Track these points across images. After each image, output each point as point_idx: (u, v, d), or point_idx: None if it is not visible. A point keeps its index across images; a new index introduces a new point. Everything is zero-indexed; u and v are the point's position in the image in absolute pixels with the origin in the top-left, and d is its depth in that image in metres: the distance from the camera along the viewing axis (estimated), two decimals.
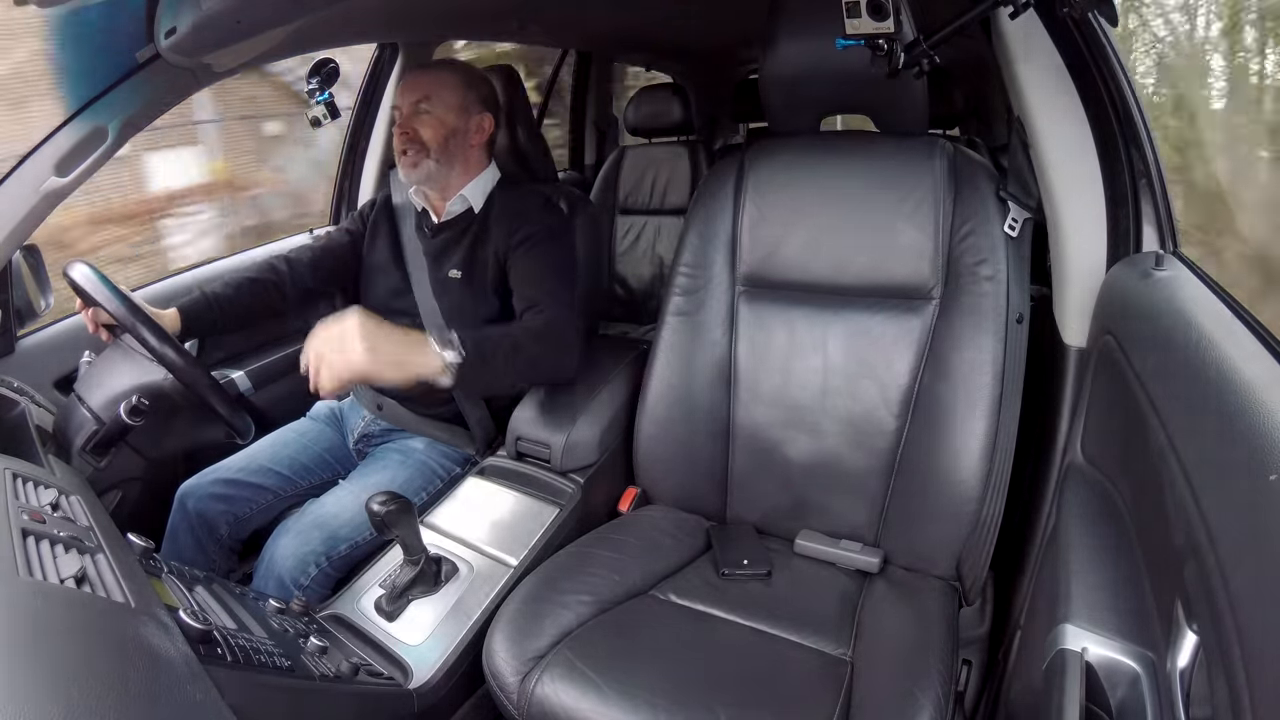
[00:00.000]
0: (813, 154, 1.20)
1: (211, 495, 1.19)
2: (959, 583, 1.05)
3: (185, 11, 0.87)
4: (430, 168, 1.22)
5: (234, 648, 0.70)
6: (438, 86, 1.22)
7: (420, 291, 1.27)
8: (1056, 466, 1.00)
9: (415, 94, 1.22)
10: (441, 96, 1.21)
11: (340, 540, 1.09)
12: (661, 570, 1.07)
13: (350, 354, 0.90)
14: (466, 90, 1.23)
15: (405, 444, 1.28)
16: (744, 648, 0.94)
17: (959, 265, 1.09)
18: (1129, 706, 0.60)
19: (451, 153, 1.23)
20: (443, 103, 1.21)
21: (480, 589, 1.02)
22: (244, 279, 1.28)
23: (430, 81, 1.22)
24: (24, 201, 0.98)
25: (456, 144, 1.23)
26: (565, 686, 0.85)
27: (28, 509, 0.69)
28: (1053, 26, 0.96)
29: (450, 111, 1.22)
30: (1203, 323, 0.67)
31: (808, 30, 1.05)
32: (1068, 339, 1.03)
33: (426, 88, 1.22)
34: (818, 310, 1.16)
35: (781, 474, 1.17)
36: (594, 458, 1.21)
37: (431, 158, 1.22)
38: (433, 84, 1.22)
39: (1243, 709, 0.41)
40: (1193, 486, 0.54)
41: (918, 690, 0.82)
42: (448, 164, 1.23)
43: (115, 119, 0.98)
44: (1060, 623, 0.66)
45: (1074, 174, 0.99)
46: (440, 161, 1.22)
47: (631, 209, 2.45)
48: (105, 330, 1.09)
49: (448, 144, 1.22)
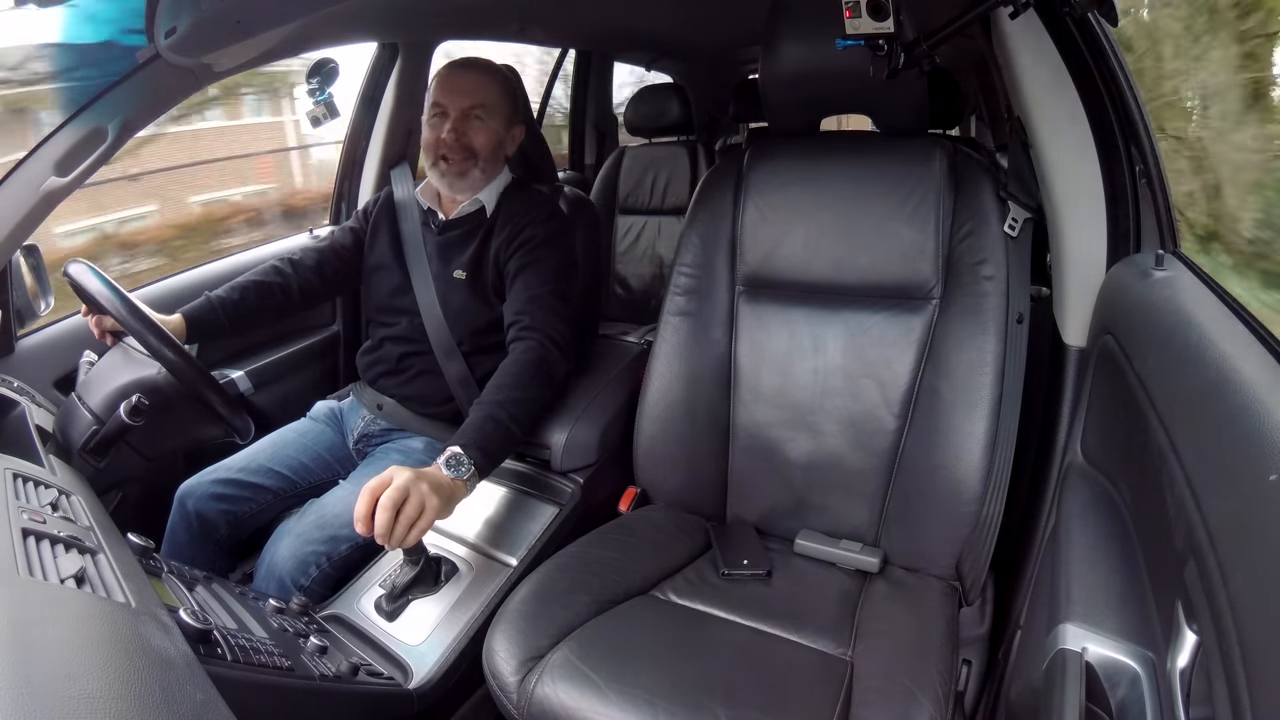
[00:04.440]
0: (813, 154, 1.20)
1: (211, 495, 1.19)
2: (959, 583, 1.05)
3: (185, 11, 0.87)
4: (476, 177, 1.21)
5: (234, 647, 0.70)
6: (492, 94, 1.20)
7: (421, 289, 1.27)
8: (1056, 466, 1.00)
9: (469, 99, 1.19)
10: (497, 106, 1.20)
11: (341, 541, 1.09)
12: (661, 570, 1.07)
13: (431, 512, 0.89)
14: (513, 100, 1.23)
15: (405, 444, 1.28)
16: (744, 648, 0.94)
17: (959, 265, 1.09)
18: (1129, 706, 0.60)
19: (497, 163, 1.23)
20: (497, 113, 1.20)
21: (480, 589, 1.02)
22: (249, 283, 1.27)
23: (486, 88, 1.20)
24: (24, 201, 0.98)
25: (500, 154, 1.23)
26: (565, 686, 0.85)
27: (28, 509, 0.69)
28: (1053, 26, 0.96)
29: (503, 122, 1.21)
30: (1203, 323, 0.67)
31: (808, 30, 1.05)
32: (1068, 339, 1.03)
33: (483, 94, 1.19)
34: (818, 310, 1.16)
35: (782, 474, 1.17)
36: (594, 458, 1.21)
37: (479, 166, 1.21)
38: (488, 91, 1.20)
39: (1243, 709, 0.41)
40: (1193, 486, 0.54)
41: (918, 690, 0.82)
42: (490, 173, 1.23)
43: (115, 119, 0.98)
44: (1060, 623, 0.66)
45: (1074, 174, 0.99)
46: (485, 171, 1.22)
47: (631, 209, 2.46)
48: (110, 335, 1.09)
49: (496, 154, 1.21)
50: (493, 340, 1.24)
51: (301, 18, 1.00)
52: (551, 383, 1.13)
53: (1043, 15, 0.95)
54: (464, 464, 0.96)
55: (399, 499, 0.87)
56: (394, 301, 1.30)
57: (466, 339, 1.25)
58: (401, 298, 1.29)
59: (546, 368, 1.11)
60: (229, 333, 1.26)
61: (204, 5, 0.86)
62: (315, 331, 1.66)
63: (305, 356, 1.61)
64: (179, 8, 0.87)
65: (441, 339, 1.25)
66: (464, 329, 1.25)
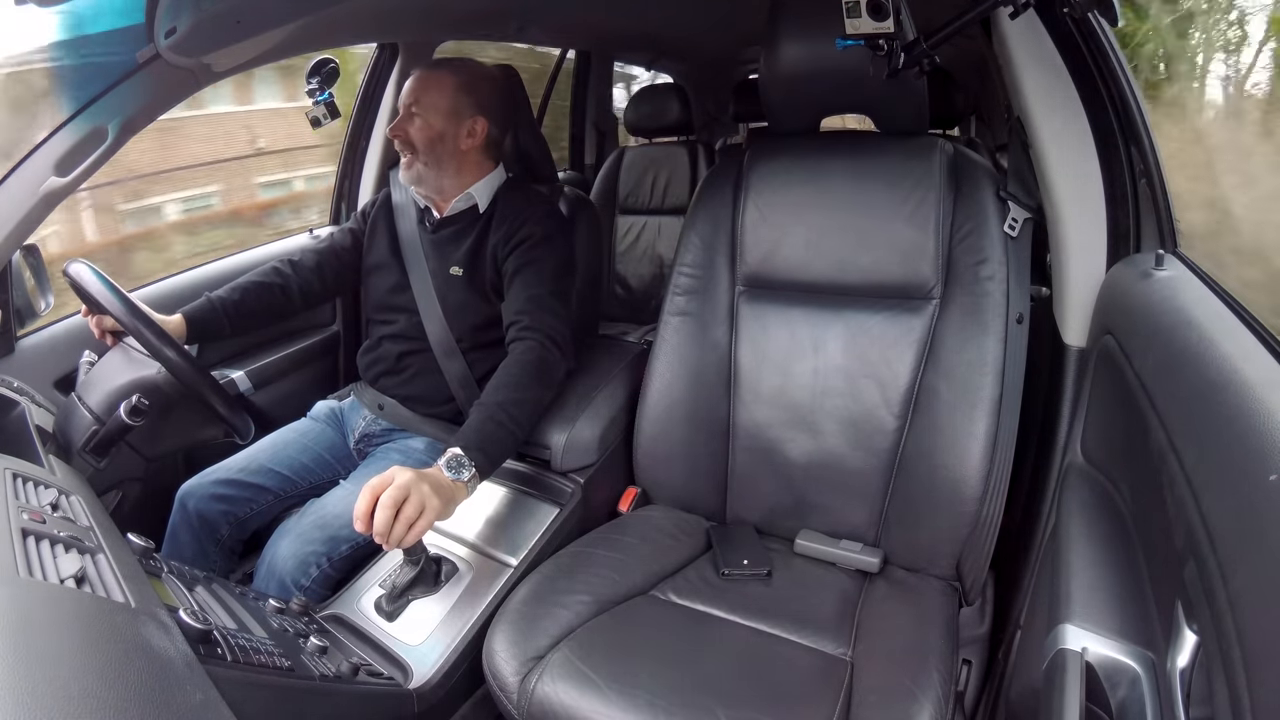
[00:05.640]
0: (813, 154, 1.20)
1: (212, 495, 1.19)
2: (959, 583, 1.06)
3: (185, 11, 0.87)
4: (420, 170, 1.23)
5: (234, 648, 0.70)
6: (428, 90, 1.22)
7: (419, 287, 1.27)
8: (1056, 466, 1.01)
9: (408, 96, 1.22)
10: (431, 100, 1.21)
11: (341, 541, 1.09)
12: (661, 570, 1.07)
13: (431, 513, 0.90)
14: (458, 94, 1.23)
15: (405, 444, 1.28)
16: (744, 648, 0.94)
17: (959, 265, 1.09)
18: (1129, 706, 0.60)
19: (439, 156, 1.22)
20: (431, 106, 1.21)
21: (480, 589, 1.02)
22: (249, 283, 1.28)
23: (422, 84, 1.22)
24: (24, 201, 0.97)
25: (444, 148, 1.22)
26: (565, 686, 0.85)
27: (28, 509, 0.69)
28: (1053, 26, 0.96)
29: (438, 115, 1.21)
30: (1203, 323, 0.67)
31: (808, 30, 1.05)
32: (1068, 339, 1.03)
33: (418, 91, 1.22)
34: (818, 310, 1.16)
35: (782, 474, 1.17)
36: (594, 458, 1.21)
37: (420, 160, 1.22)
38: (424, 87, 1.22)
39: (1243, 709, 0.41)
40: (1193, 486, 0.54)
41: (918, 690, 0.82)
42: (436, 166, 1.23)
43: (115, 119, 0.98)
44: (1060, 623, 0.66)
45: (1074, 174, 0.99)
46: (428, 164, 1.22)
47: (631, 209, 2.45)
48: (111, 336, 1.09)
49: (434, 147, 1.22)
50: (491, 337, 1.24)
51: (301, 18, 1.00)
52: (551, 383, 1.13)
53: (1043, 15, 0.95)
54: (465, 466, 0.96)
55: (400, 498, 0.87)
56: (392, 300, 1.30)
57: (465, 336, 1.26)
58: (400, 295, 1.29)
59: (546, 368, 1.12)
60: (229, 333, 1.26)
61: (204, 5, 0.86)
62: (315, 331, 1.66)
63: (305, 356, 1.61)
64: (179, 8, 0.87)
65: (440, 336, 1.26)
66: (462, 326, 1.25)
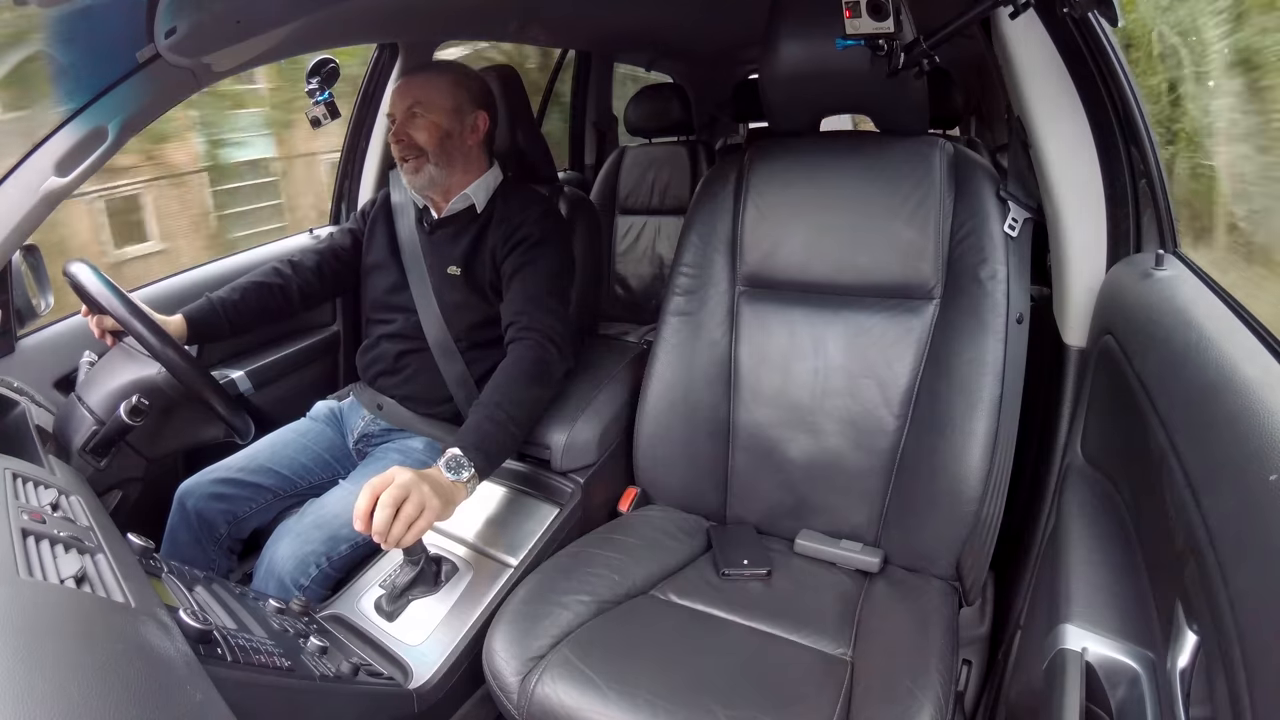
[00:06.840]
0: (813, 154, 1.20)
1: (211, 495, 1.19)
2: (959, 583, 1.05)
3: (185, 11, 0.87)
4: (431, 172, 1.22)
5: (234, 648, 0.70)
6: (428, 90, 1.22)
7: (417, 287, 1.27)
8: (1056, 466, 1.01)
9: (407, 100, 1.22)
10: (433, 99, 1.21)
11: (341, 540, 1.09)
12: (661, 570, 1.07)
13: (430, 513, 0.90)
14: (457, 90, 1.23)
15: (405, 444, 1.28)
16: (744, 648, 0.94)
17: (959, 265, 1.09)
18: (1129, 706, 0.60)
19: (450, 154, 1.23)
20: (435, 105, 1.21)
21: (480, 589, 1.02)
22: (249, 284, 1.28)
23: (420, 85, 1.22)
24: (24, 201, 0.98)
25: (453, 145, 1.23)
26: (565, 686, 0.85)
27: (28, 509, 0.69)
28: (1053, 26, 0.96)
29: (443, 113, 1.22)
30: (1203, 323, 0.67)
31: (808, 30, 1.05)
32: (1068, 339, 1.03)
33: (417, 92, 1.22)
34: (818, 310, 1.16)
35: (782, 474, 1.17)
36: (594, 458, 1.21)
37: (431, 162, 1.21)
38: (423, 88, 1.22)
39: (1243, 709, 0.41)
40: (1193, 486, 0.54)
41: (918, 690, 0.82)
42: (447, 166, 1.23)
43: (115, 119, 0.98)
44: (1060, 623, 0.66)
45: (1074, 174, 0.99)
46: (439, 164, 1.22)
47: (631, 209, 2.45)
48: (111, 336, 1.09)
49: (444, 146, 1.22)
50: (489, 336, 1.24)
51: (301, 18, 1.00)
52: (550, 383, 1.14)
53: (1043, 15, 0.95)
54: (464, 466, 0.96)
55: (400, 498, 0.87)
56: (390, 299, 1.30)
57: (463, 335, 1.26)
58: (398, 295, 1.29)
59: (545, 368, 1.12)
60: (229, 334, 1.27)
61: (204, 5, 0.86)
62: (315, 331, 1.66)
63: (305, 356, 1.61)
64: (179, 8, 0.87)
65: (438, 336, 1.26)
66: (460, 325, 1.25)
